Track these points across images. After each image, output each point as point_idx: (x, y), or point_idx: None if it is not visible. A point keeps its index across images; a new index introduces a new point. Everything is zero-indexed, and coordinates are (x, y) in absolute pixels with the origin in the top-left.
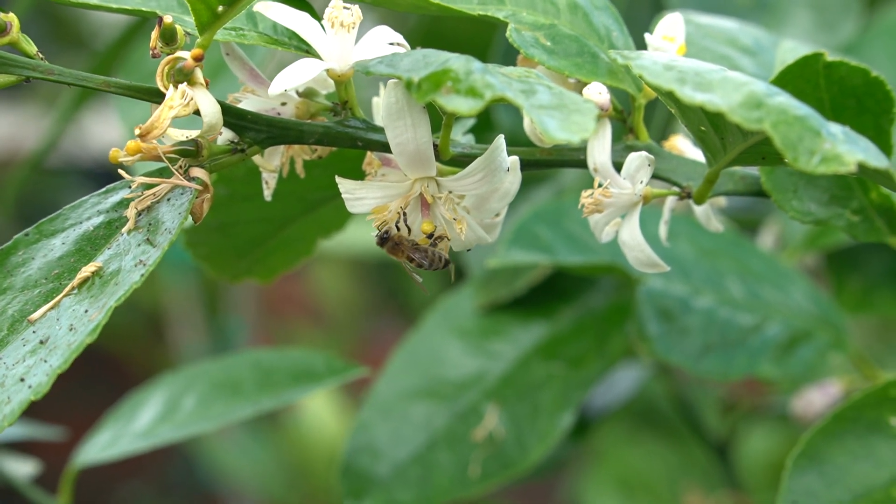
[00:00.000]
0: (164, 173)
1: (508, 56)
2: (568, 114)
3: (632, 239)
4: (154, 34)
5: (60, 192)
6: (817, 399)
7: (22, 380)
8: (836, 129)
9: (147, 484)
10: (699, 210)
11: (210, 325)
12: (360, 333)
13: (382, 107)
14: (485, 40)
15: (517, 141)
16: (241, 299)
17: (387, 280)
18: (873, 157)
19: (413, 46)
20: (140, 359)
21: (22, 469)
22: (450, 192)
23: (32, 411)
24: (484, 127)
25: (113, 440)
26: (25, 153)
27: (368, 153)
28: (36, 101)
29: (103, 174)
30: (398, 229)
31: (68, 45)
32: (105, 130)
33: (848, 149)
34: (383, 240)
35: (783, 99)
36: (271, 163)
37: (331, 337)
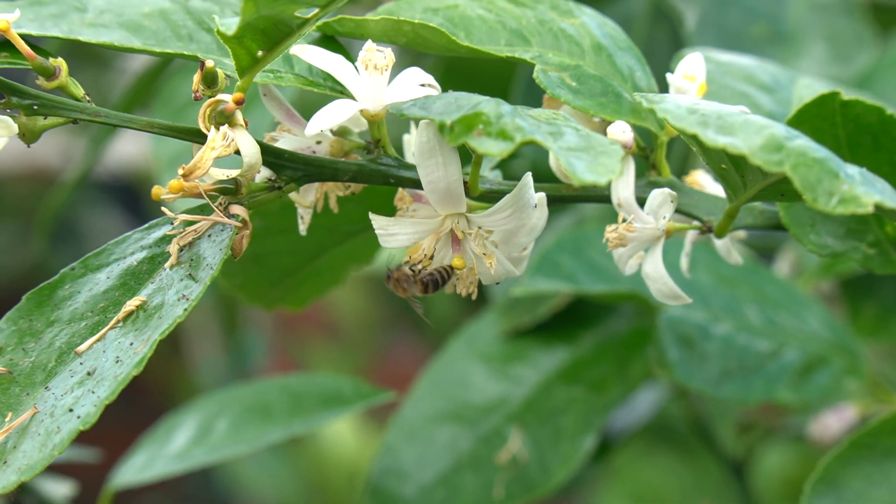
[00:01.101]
0: (205, 210)
1: (529, 91)
2: (595, 156)
3: (655, 272)
4: (196, 78)
5: (77, 206)
6: (833, 423)
7: (70, 410)
8: (853, 170)
9: (165, 497)
10: (720, 243)
11: (228, 342)
12: (376, 349)
13: (415, 146)
14: (505, 75)
15: (540, 170)
16: (257, 315)
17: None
18: (889, 198)
19: (436, 79)
20: (158, 375)
21: (59, 490)
22: (479, 227)
23: None
24: (509, 156)
25: (148, 462)
26: (45, 168)
27: (400, 189)
28: None
29: (119, 188)
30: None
31: (88, 63)
32: (123, 147)
33: (865, 190)
34: (388, 279)
35: (802, 142)
36: (307, 199)
37: (346, 352)
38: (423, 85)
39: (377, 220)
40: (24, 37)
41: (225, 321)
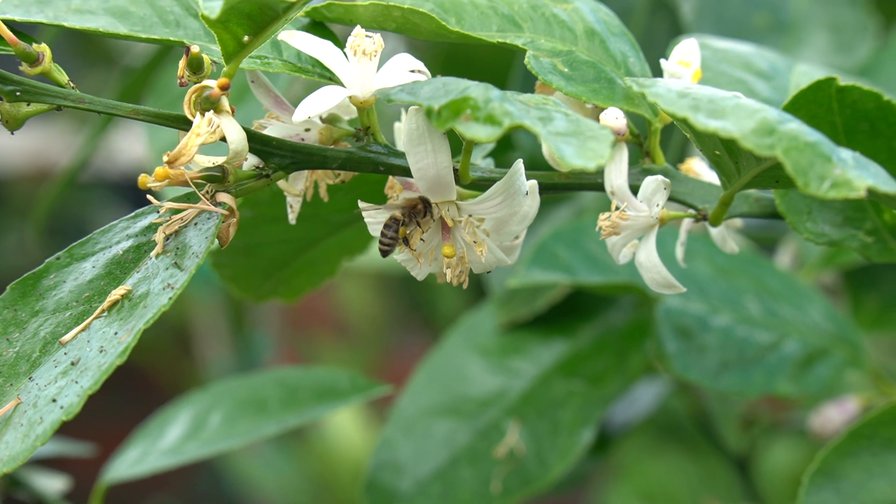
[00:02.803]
0: (191, 198)
1: (528, 79)
2: (584, 141)
3: (648, 261)
4: (182, 63)
5: (87, 206)
6: (835, 416)
7: (54, 400)
8: (846, 154)
9: (174, 497)
10: (715, 232)
11: (236, 340)
12: (385, 347)
13: (403, 133)
14: (505, 63)
15: (537, 161)
16: (266, 313)
17: (411, 293)
18: (883, 182)
19: (435, 69)
20: (166, 373)
21: (52, 485)
22: (470, 215)
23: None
24: (505, 146)
25: (141, 457)
26: (53, 168)
27: (390, 177)
28: (63, 117)
29: (129, 188)
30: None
31: (96, 61)
32: (131, 145)
33: (858, 174)
34: (426, 204)
35: (795, 126)
36: (295, 187)
37: (355, 350)
38: (412, 71)
39: (367, 209)
40: (9, 23)
41: (233, 319)
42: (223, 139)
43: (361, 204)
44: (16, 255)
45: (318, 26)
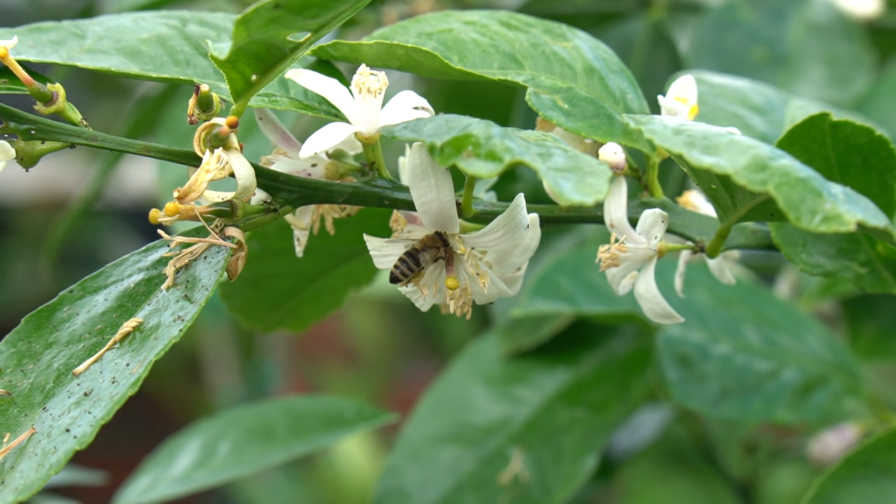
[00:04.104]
0: (200, 232)
1: (530, 115)
2: (582, 176)
3: (647, 292)
4: (191, 102)
5: (97, 234)
6: (833, 443)
7: (67, 430)
8: (837, 189)
9: None
10: (712, 263)
11: (245, 367)
12: (394, 374)
13: (407, 168)
14: (509, 96)
15: (541, 193)
16: (275, 341)
17: (419, 321)
18: (872, 217)
19: (439, 103)
20: (177, 400)
21: None
22: (472, 248)
23: None
24: (509, 179)
25: (152, 484)
26: (65, 197)
27: (395, 211)
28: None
29: (139, 216)
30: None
31: (107, 93)
32: (142, 173)
33: (848, 209)
34: (442, 240)
35: (786, 162)
36: (302, 221)
37: (364, 377)
38: (416, 108)
39: (371, 242)
40: (24, 63)
41: (243, 347)
42: (232, 175)
43: (367, 237)
44: (27, 283)
45: (325, 64)
